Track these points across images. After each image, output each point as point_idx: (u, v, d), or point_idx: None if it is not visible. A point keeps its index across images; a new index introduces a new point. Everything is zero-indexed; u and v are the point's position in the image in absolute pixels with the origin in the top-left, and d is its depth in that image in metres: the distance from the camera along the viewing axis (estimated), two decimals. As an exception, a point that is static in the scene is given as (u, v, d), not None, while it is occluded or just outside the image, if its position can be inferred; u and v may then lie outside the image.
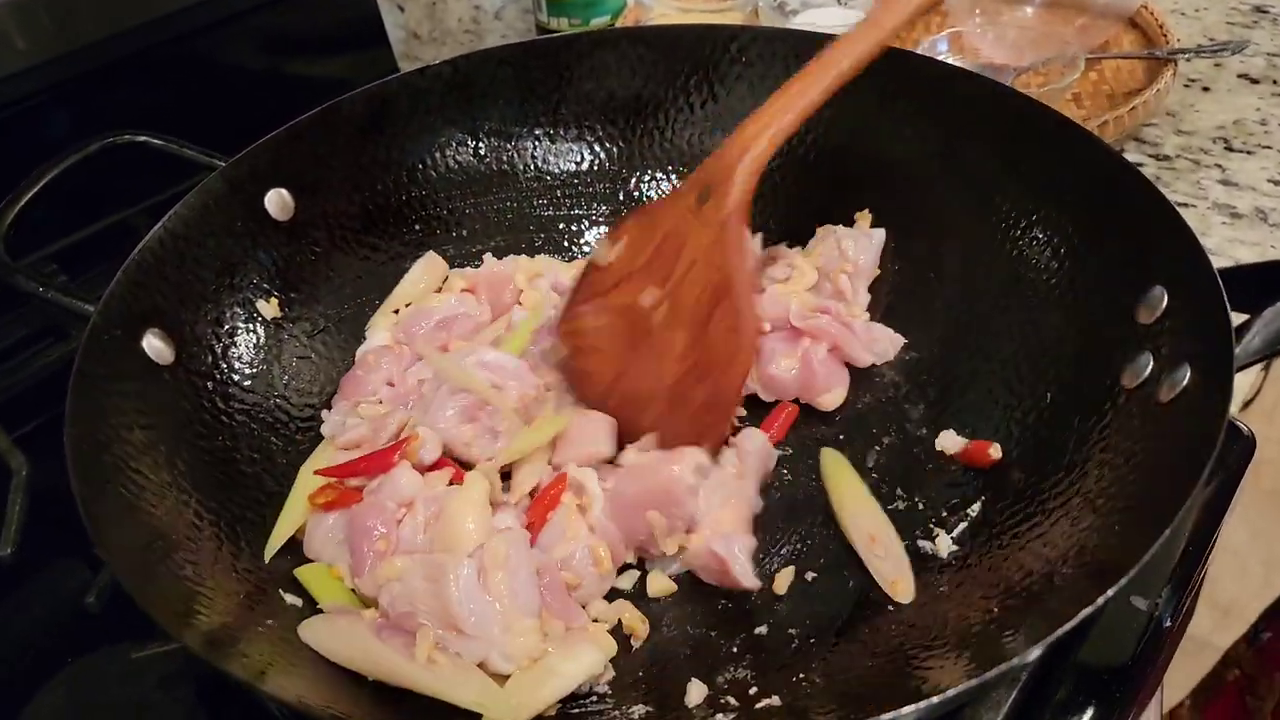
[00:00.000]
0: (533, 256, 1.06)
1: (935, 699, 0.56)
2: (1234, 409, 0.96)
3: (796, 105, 0.84)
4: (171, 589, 0.69)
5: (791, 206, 1.04)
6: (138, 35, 1.23)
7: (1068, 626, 0.57)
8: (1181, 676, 2.18)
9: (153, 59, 1.26)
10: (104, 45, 1.20)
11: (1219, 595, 2.36)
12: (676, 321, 0.85)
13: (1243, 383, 1.00)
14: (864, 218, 0.99)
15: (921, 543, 0.80)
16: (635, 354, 0.87)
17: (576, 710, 0.70)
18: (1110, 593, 0.57)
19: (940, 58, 1.26)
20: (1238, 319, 0.72)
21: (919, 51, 1.22)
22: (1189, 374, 0.70)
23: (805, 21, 1.35)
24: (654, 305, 0.86)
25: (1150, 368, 0.74)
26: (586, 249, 1.09)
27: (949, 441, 0.86)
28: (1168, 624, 0.79)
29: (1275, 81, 1.34)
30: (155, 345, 0.84)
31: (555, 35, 1.07)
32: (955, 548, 0.79)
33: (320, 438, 0.91)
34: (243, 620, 0.71)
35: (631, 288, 0.88)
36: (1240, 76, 1.36)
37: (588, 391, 0.90)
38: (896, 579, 0.77)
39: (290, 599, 0.77)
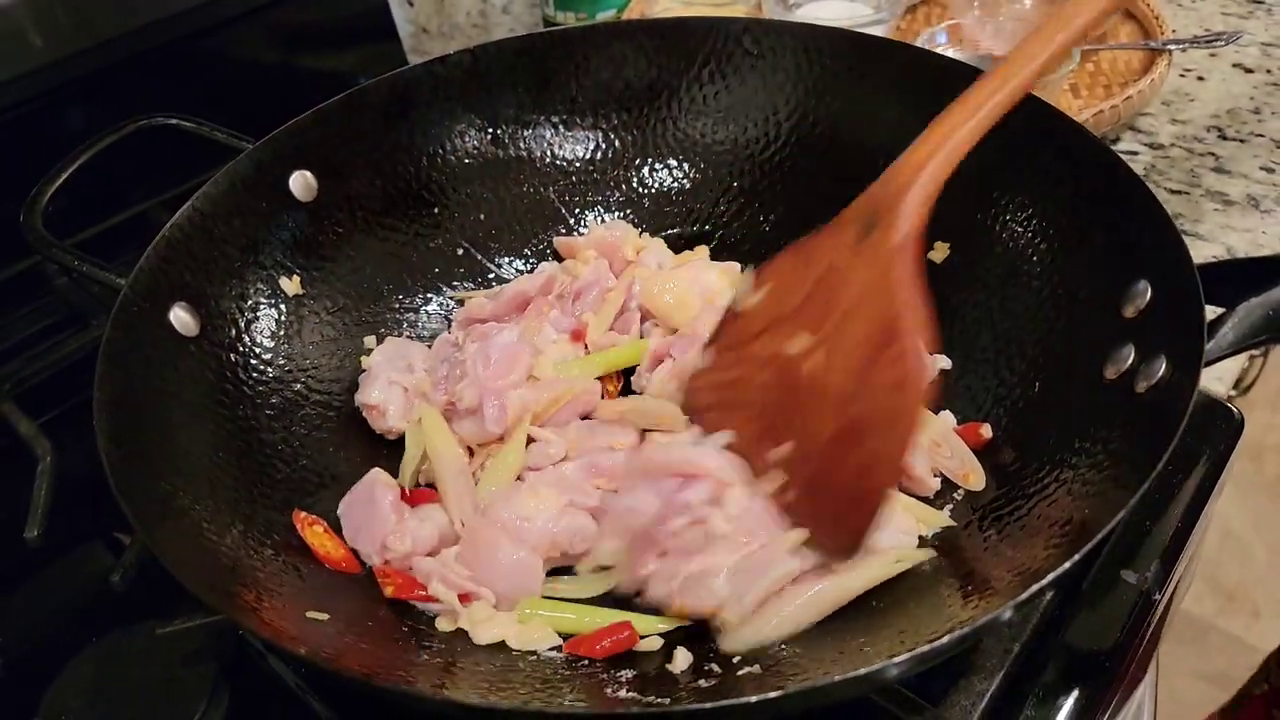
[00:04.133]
0: (547, 240, 1.10)
1: (879, 663, 0.58)
2: (1230, 392, 0.99)
3: (976, 117, 0.75)
4: (188, 544, 0.72)
5: (790, 202, 1.06)
6: (151, 32, 1.25)
7: (1040, 585, 0.59)
8: (1187, 664, 2.20)
9: (166, 56, 1.28)
10: (118, 42, 1.22)
11: (1223, 580, 2.38)
12: (832, 371, 0.73)
13: (1233, 367, 1.02)
14: (941, 248, 0.98)
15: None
16: (781, 412, 0.76)
17: (568, 671, 0.73)
18: (1077, 556, 0.60)
19: (939, 49, 1.27)
20: (1216, 313, 0.74)
21: (918, 44, 1.24)
22: (1165, 366, 0.72)
23: (808, 15, 1.37)
24: (804, 353, 0.75)
25: (1131, 359, 0.76)
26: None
27: (944, 421, 0.88)
28: (1157, 598, 0.81)
29: (1269, 71, 1.35)
30: (181, 317, 0.87)
31: (571, 26, 1.09)
32: (951, 523, 0.81)
33: (335, 410, 0.95)
34: (257, 583, 0.74)
35: (781, 334, 0.77)
36: (1235, 66, 1.37)
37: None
38: (968, 471, 0.83)
39: (305, 568, 0.80)
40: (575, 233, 1.11)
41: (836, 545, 0.73)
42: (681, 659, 0.72)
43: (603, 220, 1.12)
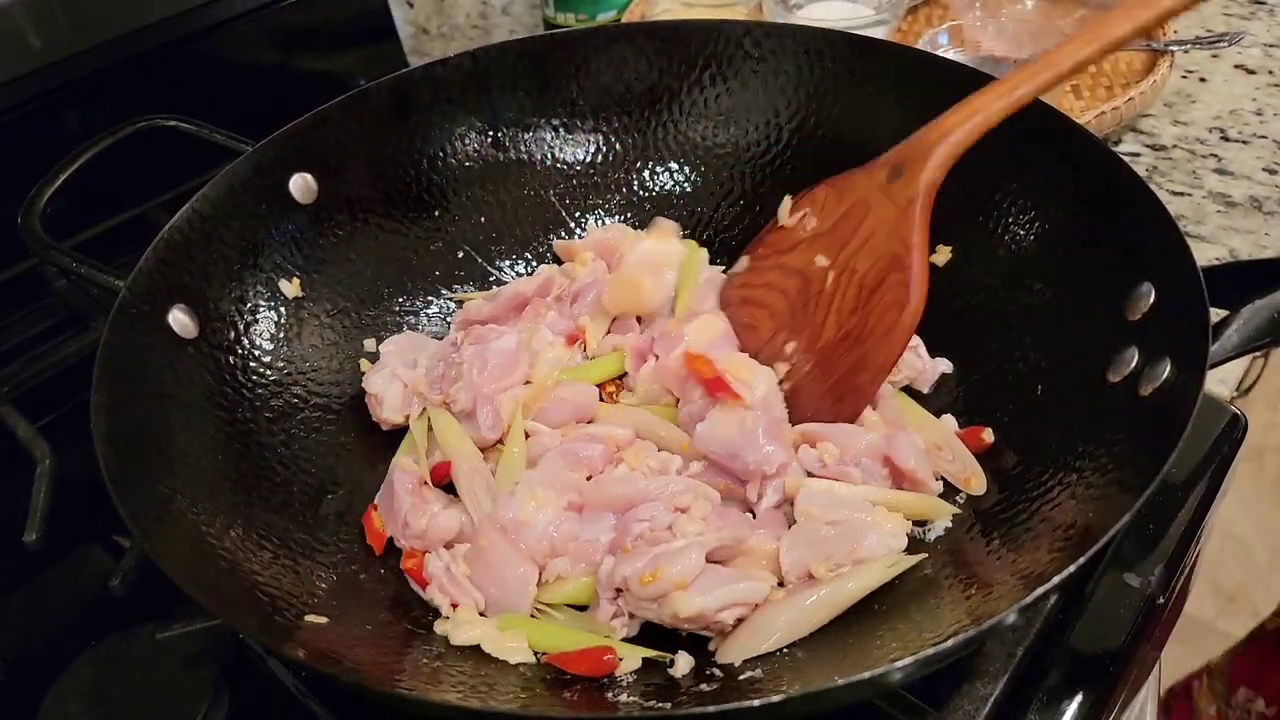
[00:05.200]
0: (547, 243, 1.10)
1: (882, 667, 0.57)
2: (1231, 394, 0.99)
3: (1006, 98, 0.84)
4: (186, 547, 0.72)
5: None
6: (150, 33, 1.25)
7: (1045, 589, 0.59)
8: (1186, 665, 2.20)
9: (165, 57, 1.28)
10: (117, 44, 1.22)
11: (1224, 581, 2.38)
12: (845, 287, 0.88)
13: (1237, 369, 1.02)
14: (943, 251, 0.98)
15: (915, 526, 0.81)
16: (799, 314, 0.91)
17: (569, 675, 0.72)
18: (1081, 560, 0.59)
19: (941, 51, 1.27)
20: (1220, 315, 0.74)
21: (919, 46, 1.24)
22: (1169, 369, 0.71)
23: (809, 17, 1.37)
24: (825, 269, 0.90)
25: (1135, 362, 0.75)
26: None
27: (945, 425, 0.88)
28: (1161, 601, 0.81)
29: (1271, 72, 1.35)
30: (180, 320, 0.86)
31: (573, 29, 1.08)
32: (950, 525, 0.81)
33: (334, 413, 0.94)
34: (256, 586, 0.74)
35: (809, 251, 0.92)
36: (1237, 67, 1.37)
37: (747, 343, 0.94)
38: (969, 475, 0.83)
39: (303, 571, 0.79)
40: (576, 236, 1.11)
41: (834, 419, 0.87)
42: (683, 663, 0.72)
43: (603, 223, 1.11)
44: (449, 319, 1.05)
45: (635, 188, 1.12)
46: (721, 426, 0.83)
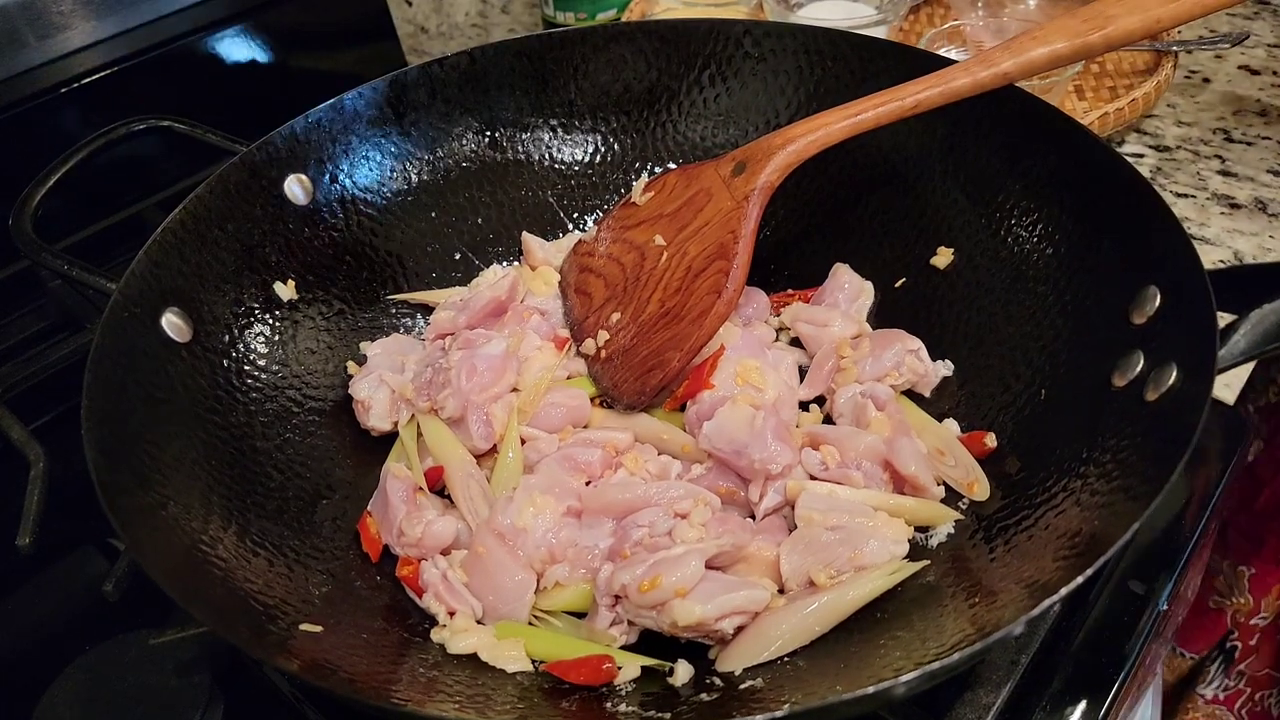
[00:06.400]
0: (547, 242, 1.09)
1: (888, 681, 0.57)
2: (1232, 398, 0.98)
3: (849, 119, 0.88)
4: (178, 556, 0.71)
5: (790, 205, 1.05)
6: (146, 32, 1.24)
7: (1054, 599, 0.58)
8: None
9: (161, 56, 1.27)
10: (116, 42, 1.21)
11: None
12: (674, 268, 0.93)
13: (1242, 374, 1.01)
14: (945, 254, 0.97)
15: (917, 533, 0.81)
16: (630, 287, 0.96)
17: (568, 685, 0.72)
18: (1090, 571, 0.58)
19: (943, 52, 1.26)
20: (1227, 320, 0.72)
21: (921, 46, 1.23)
22: (1175, 374, 0.70)
23: (810, 16, 1.36)
24: (662, 248, 0.95)
25: (1140, 367, 0.74)
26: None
27: (948, 430, 0.87)
28: (1164, 608, 0.80)
29: (1275, 72, 1.34)
30: (174, 323, 0.86)
31: (570, 28, 1.08)
32: (952, 531, 0.80)
33: (330, 417, 0.94)
34: (250, 595, 0.73)
35: (651, 229, 0.97)
36: (1241, 68, 1.36)
37: (578, 310, 0.98)
38: (972, 480, 0.82)
39: (297, 579, 0.78)
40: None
41: (628, 398, 0.91)
42: (683, 671, 0.71)
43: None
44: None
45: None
46: (730, 423, 0.83)
